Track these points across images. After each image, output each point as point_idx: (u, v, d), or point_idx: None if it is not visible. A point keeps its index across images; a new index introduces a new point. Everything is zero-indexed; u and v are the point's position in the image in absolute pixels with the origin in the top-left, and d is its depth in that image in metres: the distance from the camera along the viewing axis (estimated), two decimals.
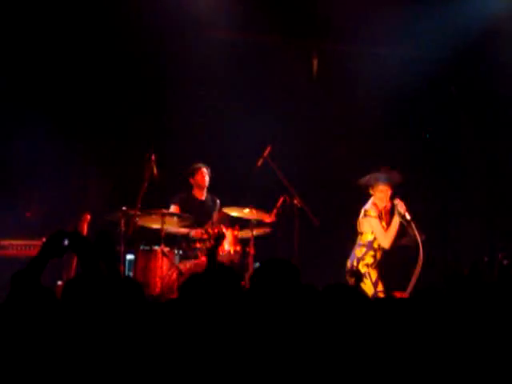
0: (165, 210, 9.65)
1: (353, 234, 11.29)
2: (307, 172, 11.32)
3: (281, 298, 4.21)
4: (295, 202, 10.04)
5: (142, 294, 4.21)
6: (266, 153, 10.06)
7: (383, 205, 9.35)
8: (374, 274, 9.18)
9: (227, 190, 10.63)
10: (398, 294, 8.14)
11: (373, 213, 9.32)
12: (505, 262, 8.53)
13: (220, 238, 9.28)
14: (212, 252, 9.03)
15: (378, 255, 9.29)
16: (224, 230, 9.69)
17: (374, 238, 9.28)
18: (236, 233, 9.77)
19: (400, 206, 9.20)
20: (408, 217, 9.14)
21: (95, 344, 3.78)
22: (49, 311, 4.00)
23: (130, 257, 9.75)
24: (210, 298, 4.06)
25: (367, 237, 9.34)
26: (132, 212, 9.36)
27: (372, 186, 9.43)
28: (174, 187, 10.39)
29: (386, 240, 9.25)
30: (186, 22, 10.83)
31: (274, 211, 9.99)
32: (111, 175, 11.13)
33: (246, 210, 9.80)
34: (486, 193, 11.60)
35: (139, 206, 9.42)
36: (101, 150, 11.09)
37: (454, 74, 11.95)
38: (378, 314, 4.19)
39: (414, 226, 9.11)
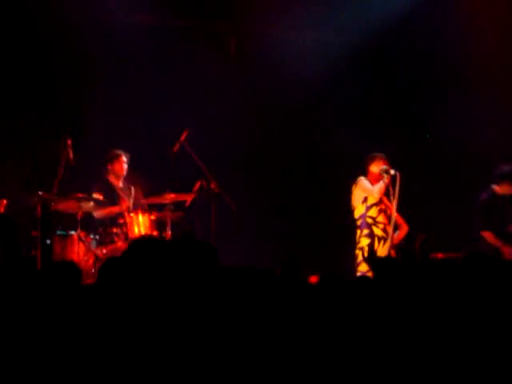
0: (81, 195, 9.62)
1: (268, 217, 11.45)
2: (224, 156, 11.38)
3: (200, 278, 4.28)
4: (212, 186, 10.12)
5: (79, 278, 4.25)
6: (183, 137, 10.11)
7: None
8: (359, 256, 9.15)
9: (145, 175, 10.61)
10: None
11: (362, 177, 9.38)
12: (423, 237, 8.68)
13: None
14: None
15: (377, 229, 9.26)
16: (140, 214, 9.75)
17: (367, 208, 9.27)
18: (152, 217, 9.82)
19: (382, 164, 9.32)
20: (392, 172, 9.18)
21: (17, 327, 3.81)
22: None
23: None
24: (130, 281, 4.10)
25: (359, 210, 9.34)
26: (48, 197, 9.33)
27: (371, 160, 9.41)
28: (90, 172, 10.36)
29: (375, 190, 9.25)
30: (103, 6, 10.77)
31: (191, 196, 10.07)
32: (27, 160, 11.02)
33: (165, 195, 9.86)
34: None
35: (55, 190, 9.39)
36: (17, 134, 10.96)
37: (373, 58, 12.16)
38: (290, 297, 4.31)
39: (397, 180, 9.13)
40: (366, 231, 9.27)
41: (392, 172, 9.17)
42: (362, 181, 9.41)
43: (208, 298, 4.14)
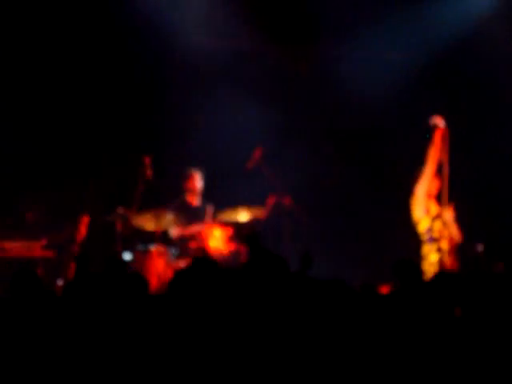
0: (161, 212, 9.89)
1: (343, 231, 11.45)
2: (297, 172, 11.51)
3: (271, 288, 4.43)
4: (286, 202, 10.29)
5: (146, 289, 4.47)
6: (257, 155, 10.33)
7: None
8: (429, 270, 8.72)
9: (219, 191, 10.82)
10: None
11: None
12: (479, 248, 8.44)
13: None
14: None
15: (444, 244, 8.99)
16: (217, 228, 9.97)
17: (432, 220, 8.88)
18: (229, 232, 10.04)
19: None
20: (441, 124, 9.04)
21: (95, 339, 4.04)
22: (49, 310, 4.25)
23: (127, 256, 9.98)
24: (198, 291, 4.26)
25: (424, 223, 8.95)
26: (129, 213, 9.64)
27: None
28: (169, 189, 10.65)
29: (422, 184, 8.94)
30: (180, 29, 11.04)
31: (266, 211, 10.27)
32: (108, 178, 11.34)
33: (241, 211, 10.09)
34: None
35: (136, 207, 9.70)
36: (98, 151, 11.29)
37: (439, 76, 12.17)
38: (365, 307, 4.43)
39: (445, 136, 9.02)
40: (434, 246, 8.92)
41: (441, 125, 9.02)
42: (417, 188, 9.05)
43: (280, 307, 4.26)
